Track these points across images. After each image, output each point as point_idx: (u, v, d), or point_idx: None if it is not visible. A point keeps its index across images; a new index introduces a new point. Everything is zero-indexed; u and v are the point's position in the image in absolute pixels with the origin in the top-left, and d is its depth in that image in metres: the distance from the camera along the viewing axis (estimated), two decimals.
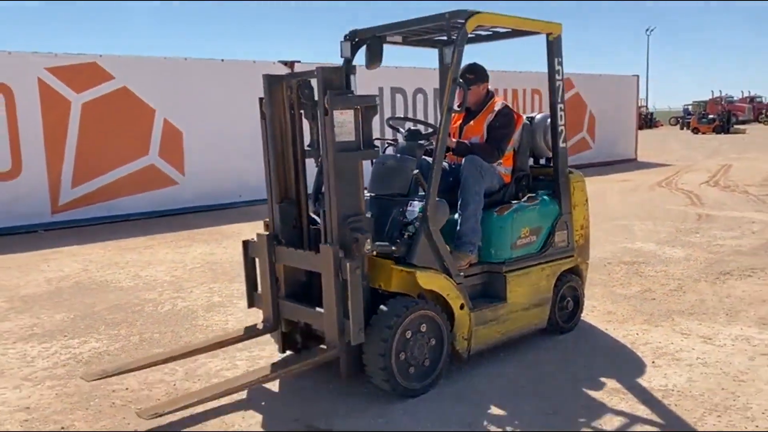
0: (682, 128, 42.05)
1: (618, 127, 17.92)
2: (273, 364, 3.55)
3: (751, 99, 50.68)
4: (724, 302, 4.93)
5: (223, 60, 10.85)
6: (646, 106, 53.99)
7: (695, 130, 35.84)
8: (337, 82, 3.30)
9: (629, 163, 17.51)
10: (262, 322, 3.78)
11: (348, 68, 3.92)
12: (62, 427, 3.19)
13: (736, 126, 36.50)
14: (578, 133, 16.98)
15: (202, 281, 6.04)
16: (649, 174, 14.77)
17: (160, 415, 2.91)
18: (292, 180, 3.70)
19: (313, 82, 3.40)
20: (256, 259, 3.77)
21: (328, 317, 3.29)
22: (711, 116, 36.71)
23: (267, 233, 3.66)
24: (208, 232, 8.69)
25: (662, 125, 48.86)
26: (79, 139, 9.56)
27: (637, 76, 18.62)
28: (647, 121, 47.52)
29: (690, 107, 48.36)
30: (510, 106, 4.15)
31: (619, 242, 7.26)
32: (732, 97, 49.30)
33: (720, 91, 45.58)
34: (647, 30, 60.19)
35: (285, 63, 10.99)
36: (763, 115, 46.62)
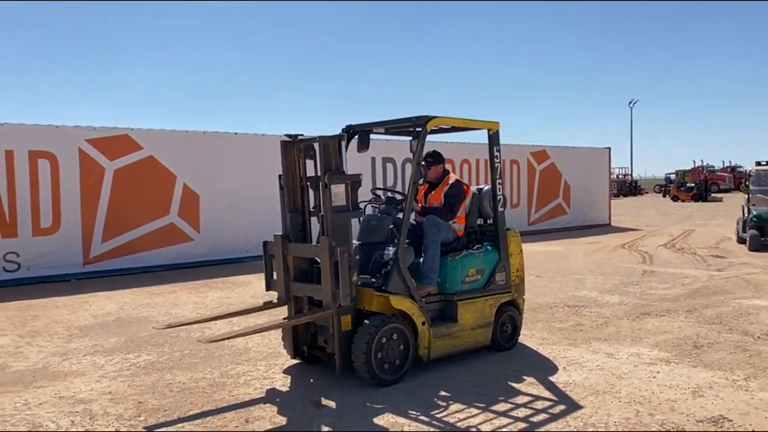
0: (664, 196, 43.87)
1: (592, 195, 19.57)
2: (284, 318, 5.17)
3: (732, 169, 52.68)
4: (634, 332, 6.33)
5: (236, 133, 12.50)
6: (630, 175, 56.03)
7: (675, 198, 37.58)
8: (331, 146, 4.85)
9: (602, 228, 19.06)
10: (277, 299, 5.23)
11: (340, 140, 5.27)
12: (139, 402, 4.54)
13: (713, 194, 38.39)
14: (554, 199, 18.64)
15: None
16: (616, 237, 16.28)
17: (214, 341, 4.60)
18: (299, 199, 5.23)
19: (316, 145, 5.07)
20: (272, 255, 5.22)
21: (325, 288, 4.73)
22: (690, 184, 38.55)
23: (281, 234, 5.13)
24: (221, 282, 10.08)
25: (646, 192, 50.86)
26: (110, 200, 11.04)
27: (609, 148, 20.38)
28: (631, 188, 49.59)
29: (673, 176, 50.31)
30: (461, 180, 5.68)
31: (569, 291, 8.67)
32: (713, 167, 51.34)
33: (702, 160, 47.53)
34: (630, 102, 62.92)
35: (290, 136, 12.61)
36: (743, 184, 48.56)
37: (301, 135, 5.33)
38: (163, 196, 11.65)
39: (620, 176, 51.76)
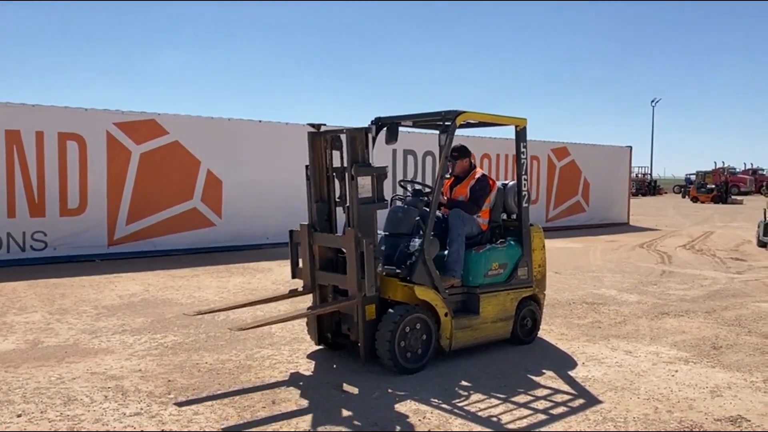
0: (683, 196, 43.50)
1: (611, 193, 19.52)
2: (309, 307, 5.23)
3: (754, 171, 52.18)
4: (653, 331, 6.38)
5: (260, 121, 12.63)
6: (650, 174, 55.55)
7: (694, 199, 37.27)
8: (358, 139, 4.92)
9: (621, 227, 18.99)
10: (302, 287, 5.33)
11: (368, 133, 5.29)
12: (168, 380, 4.68)
13: (734, 197, 37.99)
14: (573, 196, 18.60)
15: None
16: (635, 237, 16.23)
17: (244, 329, 4.71)
18: (324, 190, 5.31)
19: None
20: (298, 244, 5.32)
21: (351, 278, 4.83)
22: (710, 186, 38.21)
23: (307, 224, 5.21)
24: (242, 267, 10.23)
25: (666, 193, 50.45)
26: (135, 184, 11.23)
27: (630, 147, 20.28)
28: (650, 188, 49.21)
29: (693, 176, 49.82)
30: (487, 174, 5.75)
31: (587, 289, 8.72)
32: (735, 169, 50.79)
33: (723, 162, 47.09)
34: (652, 101, 62.20)
35: (313, 125, 12.72)
36: (764, 187, 48.05)
37: (324, 125, 5.41)
38: (186, 181, 11.81)
39: (640, 175, 51.38)
